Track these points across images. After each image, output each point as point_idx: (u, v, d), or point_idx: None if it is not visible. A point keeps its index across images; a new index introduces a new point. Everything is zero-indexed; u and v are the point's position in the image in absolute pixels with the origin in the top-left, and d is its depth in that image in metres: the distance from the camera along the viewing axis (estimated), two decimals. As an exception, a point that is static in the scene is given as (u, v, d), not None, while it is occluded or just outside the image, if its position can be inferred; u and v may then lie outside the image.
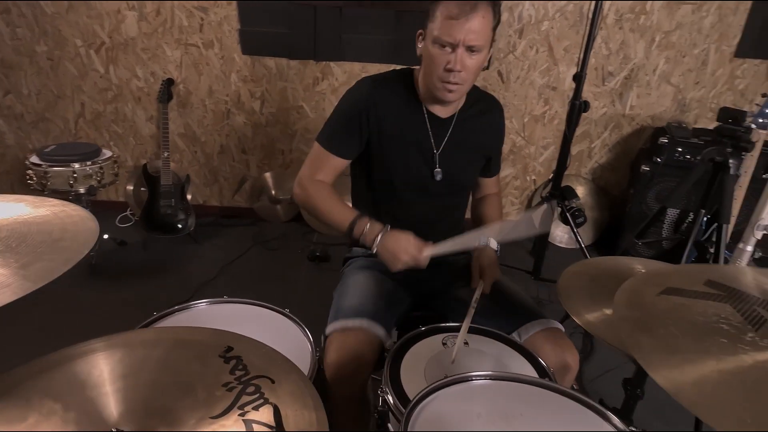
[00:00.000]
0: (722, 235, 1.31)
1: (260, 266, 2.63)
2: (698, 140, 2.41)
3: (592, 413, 0.68)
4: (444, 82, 1.13)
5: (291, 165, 3.05)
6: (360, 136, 1.25)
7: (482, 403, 0.72)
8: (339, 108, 1.29)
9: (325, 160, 1.27)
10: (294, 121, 2.93)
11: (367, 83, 1.26)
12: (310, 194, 1.26)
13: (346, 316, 1.13)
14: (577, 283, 0.94)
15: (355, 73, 2.81)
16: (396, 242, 1.13)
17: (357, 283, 1.26)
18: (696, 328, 0.52)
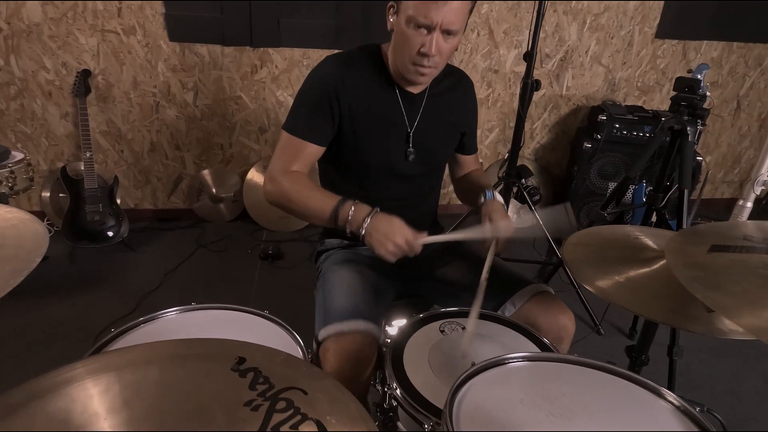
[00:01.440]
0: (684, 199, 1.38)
1: (208, 270, 2.43)
2: (632, 116, 2.55)
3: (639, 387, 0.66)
4: (417, 65, 1.07)
5: (232, 160, 2.85)
6: (332, 118, 1.15)
7: (520, 387, 0.67)
8: (304, 90, 1.18)
9: (297, 149, 1.16)
10: (232, 113, 2.74)
11: (331, 62, 1.17)
12: (283, 188, 1.14)
13: (339, 319, 1.04)
14: (580, 254, 0.92)
15: (296, 59, 2.67)
16: (389, 225, 1.04)
17: (341, 280, 1.17)
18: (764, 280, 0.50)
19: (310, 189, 1.14)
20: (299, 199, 1.13)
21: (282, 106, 2.76)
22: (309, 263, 2.52)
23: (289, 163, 1.16)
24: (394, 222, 1.05)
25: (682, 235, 0.67)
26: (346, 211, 1.07)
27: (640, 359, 0.98)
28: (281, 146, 1.18)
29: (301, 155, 1.16)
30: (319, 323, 1.08)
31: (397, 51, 1.10)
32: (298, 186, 1.14)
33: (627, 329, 2.10)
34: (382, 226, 1.04)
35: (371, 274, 1.22)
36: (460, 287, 1.28)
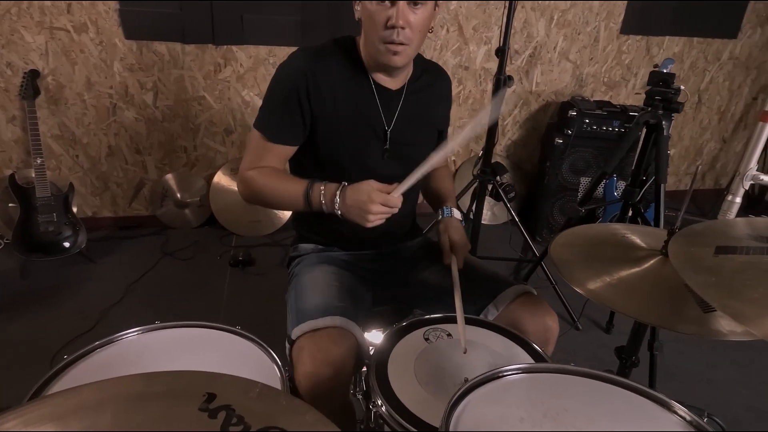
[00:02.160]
0: (661, 193, 1.38)
1: (175, 280, 2.31)
2: (601, 111, 2.57)
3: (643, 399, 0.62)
4: (387, 42, 1.00)
5: (197, 164, 2.73)
6: (302, 116, 1.09)
7: (519, 403, 0.63)
8: (272, 88, 1.11)
9: (267, 150, 1.10)
10: (196, 114, 2.62)
11: (300, 56, 1.10)
12: (254, 185, 1.09)
13: (312, 316, 0.98)
14: (568, 255, 0.89)
15: (261, 57, 2.57)
16: (359, 192, 0.97)
17: (315, 279, 1.11)
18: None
19: (279, 179, 1.09)
20: (271, 192, 1.08)
21: (249, 106, 2.66)
22: (282, 269, 2.43)
23: (257, 163, 1.11)
24: (363, 189, 0.97)
25: (683, 237, 0.65)
26: (317, 194, 1.02)
27: (630, 361, 0.95)
28: (251, 146, 1.12)
29: (269, 155, 1.10)
30: (292, 322, 1.01)
31: (367, 34, 1.04)
32: (266, 179, 1.09)
33: (604, 323, 2.11)
34: (354, 198, 0.97)
35: (347, 275, 1.17)
36: (440, 290, 1.23)
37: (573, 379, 0.68)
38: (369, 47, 1.06)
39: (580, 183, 2.67)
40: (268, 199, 1.10)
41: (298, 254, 1.28)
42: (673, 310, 0.75)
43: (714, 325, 0.68)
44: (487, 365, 0.92)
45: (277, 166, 1.12)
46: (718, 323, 0.68)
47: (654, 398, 0.63)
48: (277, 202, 1.10)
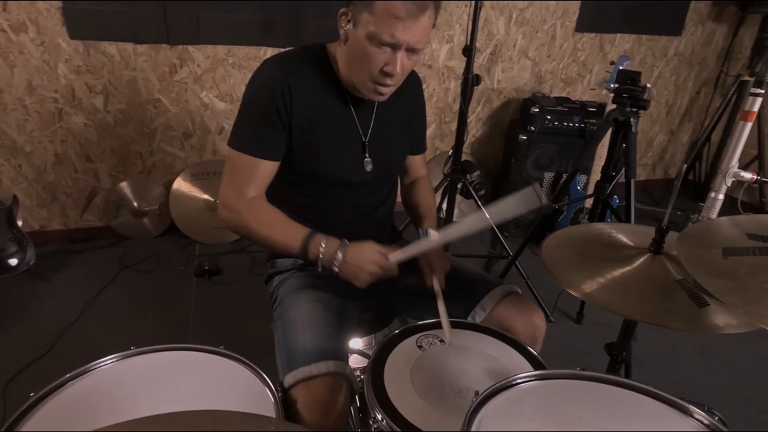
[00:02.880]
0: (631, 188, 1.42)
1: (136, 294, 2.19)
2: (562, 107, 2.64)
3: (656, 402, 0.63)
4: (377, 83, 0.99)
5: (154, 170, 2.59)
6: (283, 129, 1.04)
7: (534, 414, 0.62)
8: (248, 101, 1.05)
9: (251, 168, 1.04)
10: (151, 118, 2.48)
11: (274, 66, 1.05)
12: (243, 220, 1.04)
13: (306, 361, 0.94)
14: (560, 257, 0.89)
15: (220, 58, 2.47)
16: (359, 254, 0.99)
17: (304, 313, 1.06)
18: None
19: (274, 220, 1.05)
20: (262, 233, 1.04)
21: (208, 109, 2.55)
22: (251, 276, 2.36)
23: (244, 186, 1.04)
24: (364, 250, 0.99)
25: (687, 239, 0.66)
26: (316, 247, 1.00)
27: (620, 356, 0.97)
28: (232, 167, 1.05)
29: (255, 175, 1.04)
30: (283, 367, 0.97)
31: (353, 65, 1.01)
32: (258, 216, 1.04)
33: (574, 314, 2.17)
34: (354, 258, 0.99)
35: (333, 298, 1.13)
36: (426, 295, 1.22)
37: (584, 384, 0.68)
38: (354, 77, 1.02)
39: (544, 178, 2.74)
40: (255, 237, 1.04)
41: (277, 271, 1.22)
42: (666, 308, 0.77)
43: (709, 320, 0.70)
44: (483, 370, 0.91)
45: (260, 189, 1.06)
46: (714, 317, 0.70)
47: (668, 401, 0.63)
48: (266, 242, 1.04)
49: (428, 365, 0.92)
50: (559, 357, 1.89)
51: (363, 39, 0.94)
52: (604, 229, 0.97)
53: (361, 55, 0.96)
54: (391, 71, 0.96)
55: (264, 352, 1.05)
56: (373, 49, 0.94)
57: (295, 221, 1.05)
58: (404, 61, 0.96)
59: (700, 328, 0.69)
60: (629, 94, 1.50)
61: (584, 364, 1.98)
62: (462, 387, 0.86)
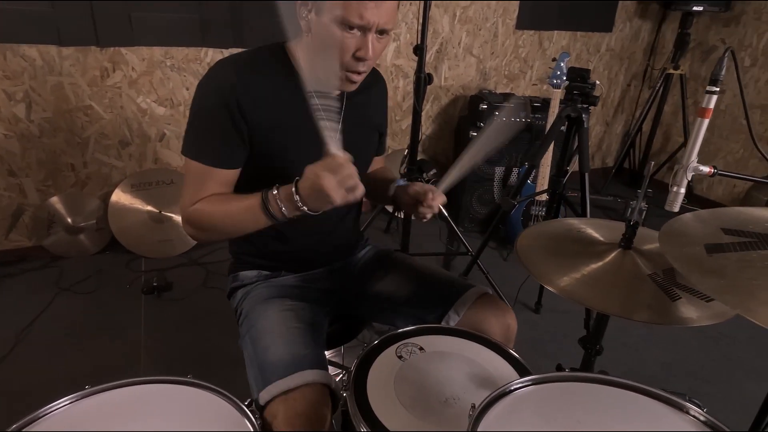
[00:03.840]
0: (585, 182, 1.48)
1: (78, 318, 2.02)
2: (509, 104, 2.70)
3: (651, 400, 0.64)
4: (350, 71, 0.95)
5: (88, 182, 2.40)
6: (240, 135, 0.98)
7: (533, 422, 0.62)
8: (199, 105, 0.98)
9: (206, 177, 0.97)
10: (82, 126, 2.29)
11: (227, 67, 0.98)
12: (202, 217, 0.97)
13: (281, 374, 0.89)
14: (535, 254, 0.90)
15: (156, 60, 2.32)
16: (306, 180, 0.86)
17: (273, 325, 1.01)
18: None
19: (227, 201, 0.97)
20: (223, 219, 0.96)
21: (146, 114, 2.39)
22: (205, 289, 2.24)
23: (199, 196, 0.97)
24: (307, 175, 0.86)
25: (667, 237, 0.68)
26: (274, 201, 0.89)
27: (594, 349, 1.00)
28: (189, 177, 0.99)
29: (211, 184, 0.98)
30: (257, 384, 0.91)
31: (320, 55, 0.95)
32: (212, 207, 0.97)
33: (533, 304, 2.24)
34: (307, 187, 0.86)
35: (303, 306, 1.08)
36: (397, 301, 1.21)
37: (578, 386, 0.69)
38: (323, 69, 0.96)
39: (495, 173, 2.80)
40: (222, 227, 0.97)
41: (241, 284, 1.16)
42: (638, 301, 0.79)
43: (682, 313, 0.74)
44: (466, 376, 0.91)
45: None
46: (686, 310, 0.74)
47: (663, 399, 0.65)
48: (234, 228, 0.97)
49: (411, 376, 0.90)
50: (524, 348, 1.94)
51: (330, 25, 0.90)
52: (573, 225, 1.00)
53: (328, 42, 0.91)
54: (364, 55, 0.92)
55: (229, 369, 0.99)
56: (341, 33, 0.90)
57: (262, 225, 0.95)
58: (375, 44, 0.93)
59: (674, 321, 0.72)
60: (580, 91, 1.56)
61: (548, 353, 2.03)
62: (447, 396, 0.85)
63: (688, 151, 0.86)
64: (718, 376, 1.90)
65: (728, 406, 1.74)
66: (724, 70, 0.83)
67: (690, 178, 0.85)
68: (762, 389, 1.01)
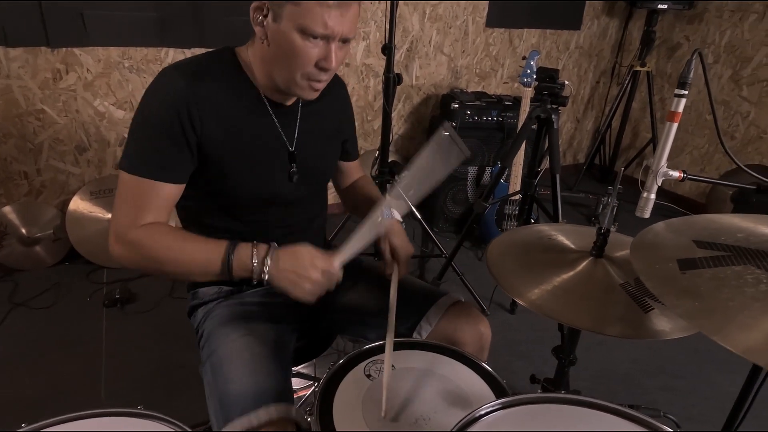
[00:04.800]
0: (557, 182, 1.46)
1: (34, 335, 1.91)
2: (480, 102, 2.69)
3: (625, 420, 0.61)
4: (311, 80, 0.90)
5: (43, 191, 2.28)
6: (188, 147, 0.91)
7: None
8: (144, 118, 0.91)
9: (147, 193, 0.90)
10: (35, 132, 2.17)
11: (175, 76, 0.91)
12: (143, 249, 0.89)
13: (244, 408, 0.83)
14: (505, 265, 0.87)
15: (113, 61, 2.21)
16: (297, 257, 0.86)
17: (235, 350, 0.94)
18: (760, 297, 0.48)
19: (183, 240, 0.90)
20: (172, 258, 0.89)
21: (104, 118, 2.28)
22: (172, 300, 2.15)
23: (139, 214, 0.89)
24: (302, 253, 0.87)
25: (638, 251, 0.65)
26: (243, 257, 0.86)
27: (568, 360, 0.98)
28: (124, 193, 0.90)
29: (154, 200, 0.90)
30: (217, 418, 0.85)
31: (279, 65, 0.90)
32: (163, 241, 0.89)
33: (508, 305, 2.23)
34: (289, 264, 0.86)
35: (267, 328, 1.02)
36: (367, 312, 1.16)
37: (548, 408, 0.66)
38: (281, 76, 0.92)
39: (468, 172, 2.78)
40: (165, 267, 0.89)
41: (201, 301, 1.09)
42: (610, 313, 0.77)
43: (654, 325, 0.71)
44: (438, 394, 0.87)
45: (160, 217, 0.91)
46: (658, 322, 0.71)
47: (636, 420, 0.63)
48: (178, 269, 0.89)
49: (380, 396, 0.85)
50: (500, 350, 1.93)
51: (290, 33, 0.85)
52: (544, 231, 0.97)
53: (289, 52, 0.87)
54: (327, 66, 0.88)
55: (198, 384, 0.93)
56: (303, 43, 0.85)
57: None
58: (338, 53, 0.89)
59: (647, 335, 0.70)
60: (549, 92, 1.54)
61: (524, 355, 2.02)
62: (417, 417, 0.81)
63: (658, 156, 0.84)
64: (689, 370, 1.92)
65: (699, 399, 1.76)
66: (692, 73, 0.82)
67: (660, 183, 0.83)
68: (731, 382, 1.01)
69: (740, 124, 3.13)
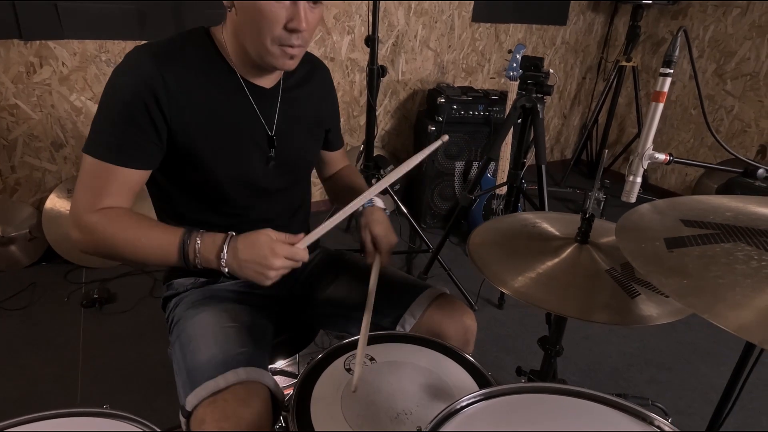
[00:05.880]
0: (543, 173, 1.44)
1: (10, 337, 1.84)
2: (467, 96, 2.67)
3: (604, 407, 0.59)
4: (284, 45, 0.86)
5: (18, 188, 2.21)
6: (155, 131, 0.87)
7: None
8: (109, 100, 0.86)
9: (108, 177, 0.86)
10: (8, 127, 2.10)
11: (143, 56, 0.86)
12: (98, 234, 0.85)
13: (209, 374, 0.80)
14: (488, 254, 0.84)
15: (90, 54, 2.15)
16: (256, 246, 0.82)
17: (203, 324, 0.91)
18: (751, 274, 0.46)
19: (139, 226, 0.86)
20: (128, 243, 0.85)
21: (81, 113, 2.22)
22: (152, 299, 2.10)
23: (97, 198, 0.85)
24: (261, 240, 0.83)
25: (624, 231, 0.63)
26: (200, 246, 0.83)
27: (554, 350, 0.95)
28: (85, 177, 0.86)
29: (113, 185, 0.86)
30: (185, 389, 0.82)
31: (249, 31, 0.86)
32: (119, 225, 0.85)
33: (496, 299, 2.21)
34: (247, 253, 0.82)
35: (242, 310, 0.99)
36: (349, 306, 1.13)
37: (530, 398, 0.63)
38: (253, 46, 0.88)
39: (455, 167, 2.76)
40: (121, 252, 0.85)
41: (174, 292, 1.05)
42: (596, 300, 0.75)
43: (641, 311, 0.69)
44: (420, 387, 0.84)
45: (122, 200, 0.87)
46: (645, 307, 0.69)
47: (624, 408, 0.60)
48: (135, 255, 0.85)
49: (360, 390, 0.82)
50: (488, 345, 1.90)
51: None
52: (528, 219, 0.94)
53: (256, 15, 0.83)
54: (297, 26, 0.83)
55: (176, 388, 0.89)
56: (270, 4, 0.81)
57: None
58: (308, 14, 0.84)
59: (634, 321, 0.68)
60: (534, 81, 1.52)
61: (512, 350, 2.00)
62: (399, 411, 0.78)
63: (643, 138, 0.82)
64: (676, 363, 1.92)
65: (687, 392, 1.75)
66: (677, 51, 0.79)
67: (646, 167, 0.81)
68: (717, 374, 1.00)
69: (725, 118, 3.15)
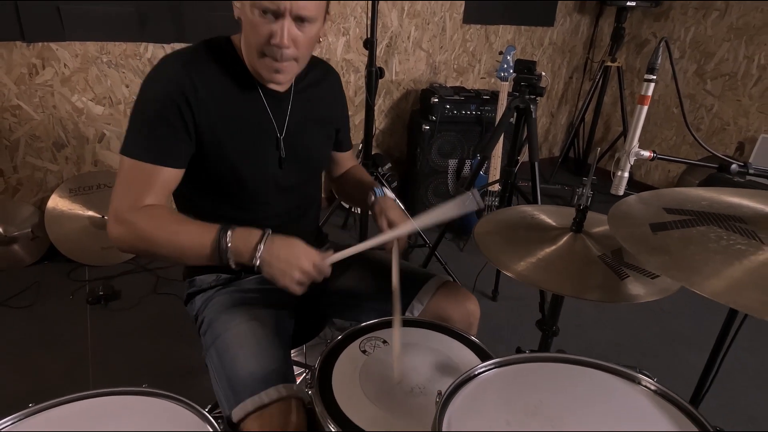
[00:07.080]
0: (536, 170, 1.53)
1: (16, 335, 1.88)
2: (459, 96, 2.75)
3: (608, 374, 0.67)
4: (267, 56, 0.91)
5: (20, 188, 2.24)
6: (187, 132, 0.94)
7: (498, 405, 0.63)
8: (144, 105, 0.93)
9: (148, 177, 0.92)
10: (11, 128, 2.13)
11: (174, 64, 0.94)
12: (139, 229, 0.90)
13: (255, 389, 0.87)
14: (492, 242, 0.92)
15: (91, 56, 2.18)
16: (289, 249, 0.89)
17: (240, 335, 0.98)
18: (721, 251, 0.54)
19: (177, 222, 0.92)
20: (165, 239, 0.90)
21: (83, 114, 2.25)
22: (156, 296, 2.14)
23: (139, 197, 0.91)
24: (295, 245, 0.90)
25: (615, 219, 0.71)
26: (235, 240, 0.88)
27: (551, 331, 1.04)
28: (125, 177, 0.92)
29: (154, 184, 0.92)
30: (229, 401, 0.89)
31: (245, 44, 0.94)
32: (158, 222, 0.91)
33: (490, 292, 2.30)
34: (282, 253, 0.89)
35: (268, 313, 1.05)
36: (361, 296, 1.20)
37: (538, 366, 0.71)
38: (248, 57, 0.95)
39: (449, 165, 2.85)
40: (158, 246, 0.90)
41: (199, 289, 1.11)
42: (589, 281, 0.83)
43: (630, 290, 0.78)
44: (431, 365, 0.92)
45: (160, 200, 0.93)
46: (633, 287, 0.78)
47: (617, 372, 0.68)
48: (172, 251, 0.90)
49: (376, 369, 0.90)
50: (484, 335, 1.99)
51: (248, 9, 0.88)
52: (526, 212, 1.03)
53: (248, 28, 0.89)
54: (278, 42, 0.87)
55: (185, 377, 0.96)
56: (257, 18, 0.87)
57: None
58: (292, 31, 0.88)
59: (623, 299, 0.76)
60: (527, 83, 1.60)
61: (507, 339, 2.09)
62: (413, 386, 0.86)
63: (630, 137, 0.91)
64: (663, 349, 2.02)
65: (673, 376, 1.85)
66: (659, 59, 0.88)
67: (632, 162, 0.90)
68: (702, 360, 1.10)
69: (705, 117, 3.28)
